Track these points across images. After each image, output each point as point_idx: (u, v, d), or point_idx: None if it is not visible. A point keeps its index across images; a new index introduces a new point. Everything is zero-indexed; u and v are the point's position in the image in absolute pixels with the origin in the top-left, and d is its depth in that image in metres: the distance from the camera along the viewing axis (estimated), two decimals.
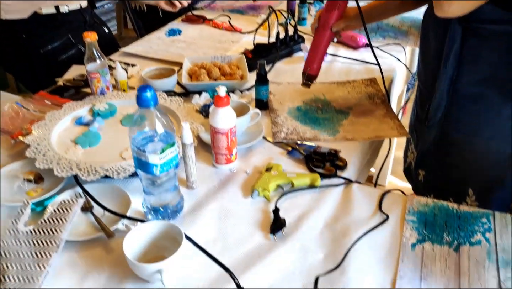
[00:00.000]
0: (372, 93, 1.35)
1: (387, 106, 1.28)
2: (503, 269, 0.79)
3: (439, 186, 1.23)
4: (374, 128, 1.18)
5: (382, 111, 1.26)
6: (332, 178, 1.01)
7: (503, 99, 1.03)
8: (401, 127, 1.19)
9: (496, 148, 1.09)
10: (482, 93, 1.05)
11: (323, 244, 0.85)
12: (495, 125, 1.06)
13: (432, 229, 0.87)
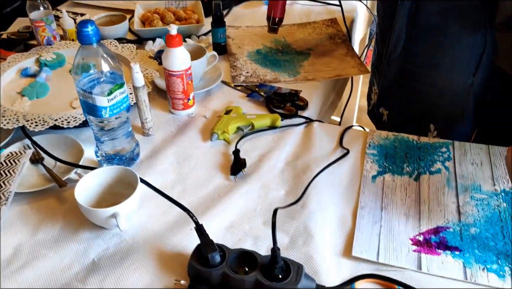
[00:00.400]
0: (333, 33, 1.32)
1: (348, 45, 1.26)
2: (461, 194, 0.80)
3: (402, 124, 1.23)
4: (334, 68, 1.16)
5: (343, 50, 1.24)
6: (293, 118, 0.99)
7: (462, 29, 1.01)
8: (361, 65, 1.17)
9: (456, 80, 1.08)
10: (441, 24, 1.03)
11: (284, 181, 0.84)
12: (454, 56, 1.06)
13: (393, 161, 0.87)
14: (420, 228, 0.74)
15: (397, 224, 0.74)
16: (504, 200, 0.78)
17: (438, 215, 0.76)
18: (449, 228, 0.74)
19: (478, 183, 0.82)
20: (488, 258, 0.68)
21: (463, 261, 0.68)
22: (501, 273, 0.66)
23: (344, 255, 0.70)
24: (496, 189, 0.80)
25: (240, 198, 0.80)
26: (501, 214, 0.76)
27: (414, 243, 0.71)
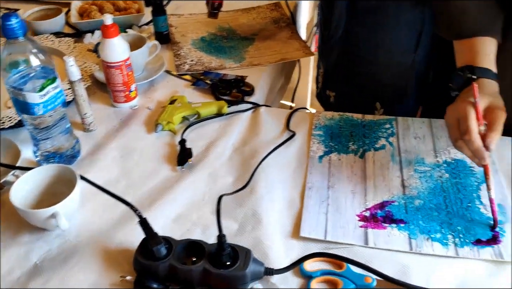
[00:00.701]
0: (277, 17, 1.32)
1: (293, 29, 1.26)
2: (405, 168, 0.81)
3: (349, 105, 1.24)
4: (279, 51, 1.16)
5: (287, 34, 1.23)
6: (239, 104, 0.98)
7: (400, 7, 1.03)
8: (306, 48, 1.17)
9: (397, 59, 1.10)
10: (380, 4, 1.04)
11: (232, 168, 0.83)
12: (394, 35, 1.07)
13: (338, 140, 0.88)
14: (367, 204, 0.75)
15: (344, 202, 0.75)
16: (446, 170, 0.80)
17: (384, 190, 0.77)
18: (394, 201, 0.75)
19: (421, 156, 0.84)
20: (432, 228, 0.70)
21: (408, 233, 0.70)
22: (444, 242, 0.68)
23: (292, 236, 0.70)
24: (438, 161, 0.83)
25: (188, 188, 0.79)
26: (443, 184, 0.78)
27: (360, 219, 0.72)
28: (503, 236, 0.68)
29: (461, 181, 0.78)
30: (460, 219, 0.72)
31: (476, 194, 0.76)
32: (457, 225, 0.70)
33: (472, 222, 0.71)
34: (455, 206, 0.74)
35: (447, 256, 0.66)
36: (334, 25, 1.13)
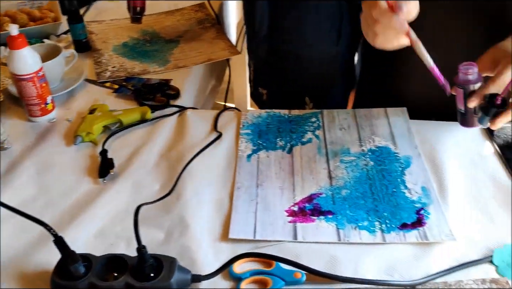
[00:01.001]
0: (202, 18, 1.30)
1: (218, 29, 1.24)
2: (332, 160, 0.82)
3: (281, 101, 1.25)
4: (205, 52, 1.14)
5: (213, 34, 1.22)
6: (165, 108, 0.95)
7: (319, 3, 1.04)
8: (232, 47, 1.16)
9: (320, 51, 1.11)
10: None
11: (158, 175, 0.80)
12: (316, 29, 1.08)
13: (266, 138, 0.87)
14: (295, 198, 0.74)
15: (272, 199, 0.74)
16: (371, 158, 0.81)
17: (311, 183, 0.77)
18: (322, 193, 0.75)
19: (346, 146, 0.84)
20: (359, 216, 0.71)
21: (336, 224, 0.70)
22: (371, 229, 0.69)
23: (222, 239, 0.68)
24: (363, 150, 0.83)
25: (110, 200, 0.75)
26: (368, 172, 0.79)
27: (289, 214, 0.71)
28: (428, 218, 0.70)
29: (386, 168, 0.79)
30: (386, 205, 0.72)
31: (401, 178, 0.77)
32: (383, 211, 0.71)
33: (397, 206, 0.72)
34: (381, 192, 0.75)
35: (375, 243, 0.67)
36: (257, 22, 1.12)
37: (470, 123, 0.73)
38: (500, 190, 0.75)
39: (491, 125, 0.69)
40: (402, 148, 0.83)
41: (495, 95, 0.67)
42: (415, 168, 0.79)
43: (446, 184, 0.75)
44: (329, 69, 1.14)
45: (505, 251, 0.65)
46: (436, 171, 0.78)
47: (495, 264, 0.64)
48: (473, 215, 0.71)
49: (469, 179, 0.77)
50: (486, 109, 0.68)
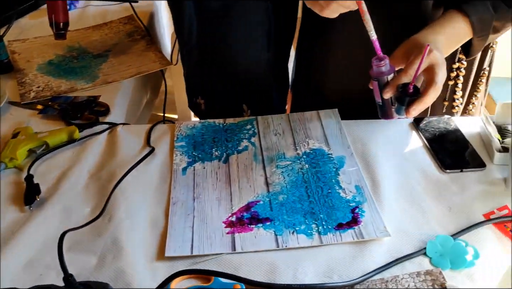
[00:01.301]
0: (131, 30, 1.27)
1: (148, 41, 1.22)
2: (268, 166, 0.81)
3: (219, 110, 1.24)
4: (135, 65, 1.11)
5: (142, 46, 1.19)
6: (94, 126, 0.91)
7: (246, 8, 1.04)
8: (163, 58, 1.14)
9: (253, 58, 1.11)
10: (226, 7, 1.04)
11: (89, 197, 0.77)
12: (246, 36, 1.08)
13: (202, 149, 0.86)
14: (233, 209, 0.73)
15: (209, 211, 0.73)
16: (305, 161, 0.82)
17: (248, 191, 0.76)
18: (259, 201, 0.75)
19: (282, 151, 0.84)
20: (296, 220, 0.71)
21: (274, 230, 0.69)
22: (309, 232, 0.69)
23: (158, 258, 0.66)
24: (298, 153, 0.84)
25: (38, 228, 0.71)
26: (304, 176, 0.79)
27: (227, 225, 0.70)
28: (363, 216, 0.71)
29: (321, 169, 0.80)
30: (322, 206, 0.73)
31: (335, 179, 0.78)
32: (319, 213, 0.72)
33: (333, 207, 0.73)
34: (316, 194, 0.75)
35: (312, 246, 0.67)
36: (186, 31, 1.11)
37: (389, 115, 0.75)
38: (430, 182, 0.77)
39: (406, 114, 0.71)
40: (335, 148, 0.84)
41: (407, 84, 0.69)
42: (349, 167, 0.80)
43: (379, 180, 0.77)
44: (263, 75, 1.14)
45: (437, 242, 0.67)
46: (369, 168, 0.80)
47: (429, 255, 0.65)
48: (406, 209, 0.73)
49: (400, 174, 0.79)
50: (401, 99, 0.71)
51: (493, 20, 0.78)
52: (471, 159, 0.81)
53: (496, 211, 0.71)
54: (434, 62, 0.70)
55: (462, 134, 0.85)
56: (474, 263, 0.64)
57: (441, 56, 0.71)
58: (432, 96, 0.70)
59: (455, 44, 0.80)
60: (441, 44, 0.74)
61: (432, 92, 0.70)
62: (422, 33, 0.75)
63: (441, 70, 0.71)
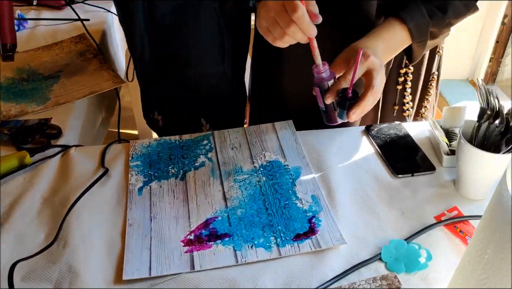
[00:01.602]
0: (83, 49, 1.24)
1: (100, 59, 1.20)
2: (226, 181, 0.82)
3: (177, 126, 1.23)
4: (88, 85, 1.09)
5: (95, 66, 1.17)
6: (46, 150, 0.89)
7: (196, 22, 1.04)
8: (116, 77, 1.13)
9: (207, 72, 1.12)
10: (178, 21, 1.04)
11: (42, 223, 0.74)
12: (199, 50, 1.08)
13: (158, 167, 0.85)
14: (191, 226, 0.73)
15: (167, 230, 0.72)
16: (263, 174, 0.83)
17: (206, 208, 0.76)
18: (218, 217, 0.74)
19: (239, 165, 0.85)
20: (255, 234, 0.71)
21: (233, 246, 0.69)
22: (267, 245, 0.69)
23: (116, 282, 0.65)
24: (255, 166, 0.84)
25: None
26: (262, 189, 0.80)
27: (185, 244, 0.70)
28: (319, 225, 0.72)
29: (278, 181, 0.81)
30: (280, 218, 0.74)
31: (292, 190, 0.79)
32: (277, 225, 0.72)
33: (290, 218, 0.74)
34: (274, 206, 0.76)
35: (271, 259, 0.67)
36: (139, 48, 1.10)
37: (333, 120, 0.77)
38: (382, 188, 0.79)
39: (348, 118, 0.73)
40: (291, 159, 0.85)
41: (347, 89, 0.72)
42: (305, 177, 0.81)
43: (334, 188, 0.79)
44: (219, 88, 1.14)
45: (392, 247, 0.68)
46: (324, 177, 0.81)
47: (384, 260, 0.67)
48: (360, 215, 0.74)
49: (354, 181, 0.81)
50: (341, 103, 0.73)
51: (429, 27, 0.82)
52: (421, 162, 0.83)
53: (446, 213, 0.74)
54: (371, 67, 0.73)
55: (412, 139, 0.88)
56: (427, 265, 0.66)
57: (379, 61, 0.74)
58: (370, 100, 0.72)
59: (395, 49, 0.83)
60: (380, 50, 0.77)
61: (370, 96, 0.72)
62: (361, 40, 0.78)
63: (379, 74, 0.73)
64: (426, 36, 0.83)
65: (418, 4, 0.81)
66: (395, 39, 0.81)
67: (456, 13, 0.82)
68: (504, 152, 0.71)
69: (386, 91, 1.01)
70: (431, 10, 0.81)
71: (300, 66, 1.02)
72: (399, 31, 0.81)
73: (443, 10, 0.81)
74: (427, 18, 0.81)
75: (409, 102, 1.04)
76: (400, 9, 0.81)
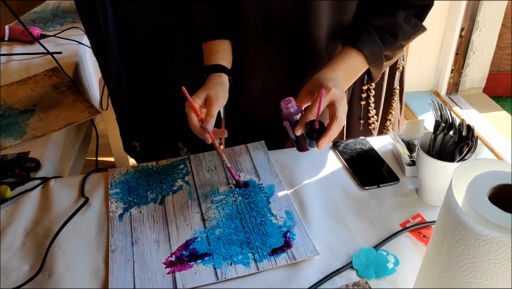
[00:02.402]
0: (57, 82, 1.27)
1: (75, 91, 1.23)
2: (203, 202, 0.85)
3: (155, 151, 1.27)
4: (64, 117, 1.12)
5: (70, 98, 1.20)
6: (25, 183, 0.91)
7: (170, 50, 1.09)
8: (91, 107, 1.16)
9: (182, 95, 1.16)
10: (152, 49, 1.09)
11: (27, 255, 0.76)
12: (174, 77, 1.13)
13: (137, 193, 0.88)
14: (171, 248, 0.76)
15: (149, 254, 0.75)
16: (238, 193, 0.87)
17: (186, 230, 0.80)
18: (197, 237, 0.78)
19: (216, 187, 0.89)
20: (233, 252, 0.75)
21: (213, 264, 0.73)
22: (246, 261, 0.73)
23: None
24: (231, 187, 0.89)
25: None
26: (238, 208, 0.84)
27: (167, 265, 0.73)
28: (294, 239, 0.76)
29: (253, 199, 0.85)
30: (257, 235, 0.78)
31: (267, 207, 0.83)
32: (255, 242, 0.76)
33: (266, 234, 0.78)
34: (251, 224, 0.80)
35: (250, 274, 0.71)
36: (114, 78, 1.14)
37: (304, 148, 0.84)
38: (351, 200, 0.84)
39: (317, 147, 0.78)
40: (265, 178, 0.89)
41: (313, 121, 0.77)
42: (278, 194, 0.86)
43: (306, 203, 0.83)
44: None
45: (362, 255, 0.73)
46: (297, 193, 0.86)
47: (355, 268, 0.72)
48: (332, 227, 0.79)
49: (325, 195, 0.86)
50: (309, 134, 0.78)
51: (383, 51, 0.88)
52: (386, 174, 0.89)
53: (410, 220, 0.79)
54: (333, 98, 0.78)
55: (376, 153, 0.94)
56: (395, 270, 0.71)
57: (339, 92, 0.80)
58: (335, 129, 0.78)
59: (354, 75, 0.90)
60: (340, 79, 0.83)
61: (335, 126, 0.78)
62: (322, 72, 0.84)
63: (341, 104, 0.79)
64: (381, 60, 0.89)
65: (370, 32, 0.88)
66: (353, 66, 0.88)
67: (406, 36, 0.89)
68: (458, 160, 0.77)
69: (351, 107, 1.08)
70: (383, 36, 0.88)
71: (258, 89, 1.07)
72: (356, 58, 0.87)
73: (394, 35, 0.88)
74: (380, 44, 0.87)
75: (373, 116, 1.11)
76: (354, 38, 0.88)
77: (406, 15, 0.88)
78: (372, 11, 0.91)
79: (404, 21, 0.88)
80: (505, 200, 0.49)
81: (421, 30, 0.90)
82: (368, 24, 0.89)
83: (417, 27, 0.89)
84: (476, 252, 0.47)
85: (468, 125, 0.79)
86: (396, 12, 0.88)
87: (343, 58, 0.87)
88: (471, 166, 0.53)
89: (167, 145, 1.25)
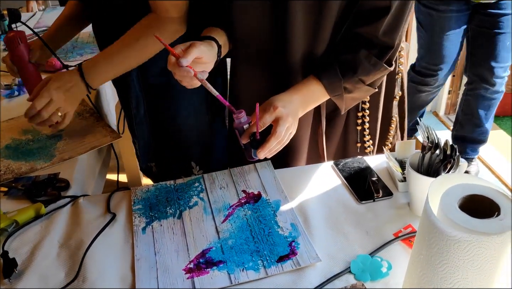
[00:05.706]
0: (81, 110, 1.39)
1: (97, 117, 1.34)
2: (217, 216, 0.95)
3: (170, 171, 1.37)
4: (88, 141, 1.23)
5: (93, 123, 1.32)
6: (57, 201, 1.02)
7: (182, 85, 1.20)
8: (113, 132, 1.27)
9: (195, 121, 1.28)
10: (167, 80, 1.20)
11: (61, 264, 0.86)
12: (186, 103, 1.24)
13: (157, 209, 0.98)
14: (190, 257, 0.86)
15: (170, 262, 0.85)
16: (248, 208, 0.97)
17: (202, 240, 0.90)
18: (212, 247, 0.88)
19: (228, 202, 0.99)
20: (245, 259, 0.84)
21: (227, 270, 0.82)
22: (256, 267, 0.83)
23: None
24: (241, 202, 0.99)
25: None
26: (248, 221, 0.93)
27: (187, 271, 0.83)
28: (298, 248, 0.86)
29: (261, 213, 0.95)
30: (265, 244, 0.87)
31: (274, 220, 0.93)
32: (263, 250, 0.86)
33: (274, 244, 0.87)
34: (259, 235, 0.90)
35: (259, 278, 0.81)
36: (134, 104, 1.25)
37: (250, 157, 0.94)
38: (350, 213, 0.94)
39: (258, 156, 0.89)
40: (272, 194, 1.00)
41: (255, 133, 0.89)
42: (284, 208, 0.95)
43: (309, 216, 0.93)
44: (205, 133, 1.30)
45: (359, 261, 0.83)
46: (301, 207, 0.96)
47: (353, 272, 0.81)
48: (332, 237, 0.89)
49: (326, 208, 0.95)
50: (252, 144, 0.90)
51: (342, 83, 0.98)
52: (381, 189, 0.99)
53: (402, 230, 0.89)
54: (279, 116, 0.89)
55: (372, 170, 1.04)
56: (388, 274, 0.80)
57: (286, 111, 0.90)
58: (273, 142, 0.88)
59: (313, 101, 1.00)
60: (295, 101, 0.93)
61: (274, 140, 0.88)
62: (279, 94, 0.94)
63: (285, 122, 0.89)
64: (341, 91, 0.99)
65: (333, 65, 0.98)
66: (312, 93, 0.98)
67: (365, 72, 0.98)
68: None
69: (348, 131, 1.18)
70: (343, 69, 0.98)
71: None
72: (315, 86, 0.98)
73: (353, 69, 0.98)
74: (339, 76, 0.97)
75: (369, 140, 1.21)
76: (319, 69, 0.98)
77: (367, 54, 0.96)
78: (341, 46, 0.99)
79: (365, 58, 0.96)
80: (473, 208, 0.59)
81: (382, 69, 0.98)
82: (334, 58, 0.99)
83: (377, 65, 0.97)
84: (448, 250, 0.56)
85: (451, 145, 0.89)
86: (359, 49, 0.96)
87: (304, 84, 0.97)
88: (445, 180, 0.63)
89: (181, 164, 1.35)
